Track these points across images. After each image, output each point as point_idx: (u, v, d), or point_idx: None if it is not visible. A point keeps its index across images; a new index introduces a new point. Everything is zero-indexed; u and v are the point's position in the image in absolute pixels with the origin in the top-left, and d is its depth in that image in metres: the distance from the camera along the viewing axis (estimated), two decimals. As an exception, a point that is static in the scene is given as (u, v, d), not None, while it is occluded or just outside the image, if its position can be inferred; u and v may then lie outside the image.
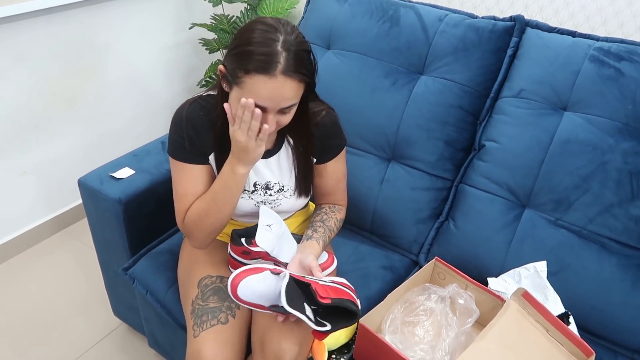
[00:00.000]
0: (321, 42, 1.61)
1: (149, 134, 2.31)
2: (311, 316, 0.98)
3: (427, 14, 1.48)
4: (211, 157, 1.13)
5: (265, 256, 1.13)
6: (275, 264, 1.13)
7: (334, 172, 1.24)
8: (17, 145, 1.93)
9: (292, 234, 1.19)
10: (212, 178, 1.14)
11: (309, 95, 1.06)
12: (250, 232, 1.14)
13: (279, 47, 0.93)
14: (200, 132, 1.10)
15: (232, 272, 1.06)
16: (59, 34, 1.92)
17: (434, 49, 1.45)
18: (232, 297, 1.04)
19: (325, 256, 1.23)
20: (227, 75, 0.99)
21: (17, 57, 1.82)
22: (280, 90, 0.95)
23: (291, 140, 1.17)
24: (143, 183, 1.40)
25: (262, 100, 0.96)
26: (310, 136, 1.15)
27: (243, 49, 0.94)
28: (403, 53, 1.48)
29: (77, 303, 1.85)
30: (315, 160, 1.21)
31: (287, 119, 1.03)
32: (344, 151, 1.24)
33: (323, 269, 1.18)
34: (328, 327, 0.98)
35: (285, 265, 1.12)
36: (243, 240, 1.13)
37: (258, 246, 1.10)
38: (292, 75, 0.94)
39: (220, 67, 1.02)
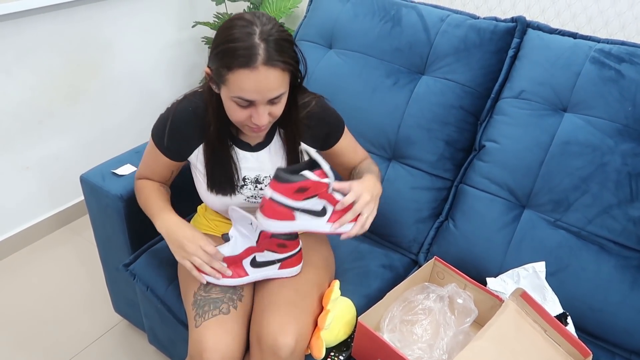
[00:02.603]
0: (323, 42, 1.62)
1: (150, 131, 2.31)
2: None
3: (428, 15, 1.48)
4: (199, 150, 1.15)
5: (324, 192, 1.01)
6: (324, 206, 1.03)
7: (344, 148, 1.25)
8: (20, 141, 1.94)
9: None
10: (177, 168, 1.23)
11: (296, 85, 1.07)
12: (298, 168, 1.02)
13: (257, 39, 0.93)
14: (185, 132, 1.13)
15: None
16: (62, 31, 1.93)
17: (436, 49, 1.45)
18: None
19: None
20: (213, 76, 1.00)
21: (21, 53, 1.83)
22: (264, 82, 0.95)
23: (282, 131, 1.17)
24: (145, 180, 1.41)
25: (249, 94, 0.96)
26: (300, 127, 1.15)
27: (223, 47, 0.95)
28: (405, 53, 1.48)
29: (78, 299, 1.86)
30: (318, 148, 1.20)
31: (278, 109, 1.03)
32: (345, 128, 1.24)
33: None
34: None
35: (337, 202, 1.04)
36: (306, 172, 0.99)
37: (326, 177, 1.00)
38: (274, 64, 0.94)
39: (206, 69, 1.03)
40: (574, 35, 1.36)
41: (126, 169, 1.43)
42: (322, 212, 1.04)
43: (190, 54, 2.50)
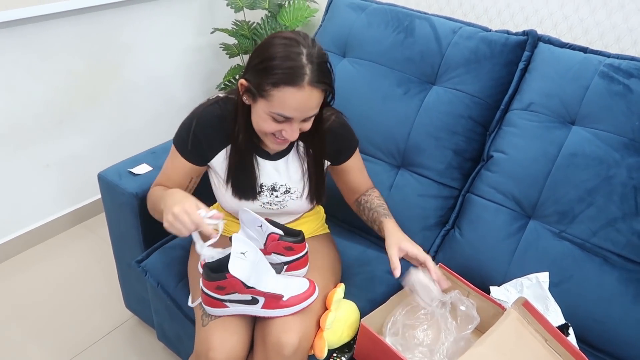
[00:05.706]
0: (337, 50, 1.65)
1: (168, 133, 2.33)
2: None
3: (441, 26, 1.51)
4: (220, 155, 1.18)
5: (241, 289, 1.05)
6: (252, 297, 1.08)
7: (353, 167, 1.30)
8: (41, 139, 2.00)
9: (271, 263, 1.14)
10: (198, 175, 1.23)
11: (326, 104, 1.12)
12: (223, 264, 1.06)
13: (304, 60, 0.99)
14: (209, 135, 1.16)
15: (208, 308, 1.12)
16: (85, 34, 1.99)
17: (447, 60, 1.47)
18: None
19: (305, 285, 1.14)
20: (252, 89, 1.04)
21: (45, 54, 1.89)
22: (307, 101, 1.02)
23: (301, 143, 1.21)
24: (159, 179, 1.45)
25: (290, 111, 1.02)
26: (324, 140, 1.20)
27: (268, 63, 1.00)
28: (416, 63, 1.51)
29: (90, 294, 1.91)
30: (330, 162, 1.26)
31: (308, 125, 1.10)
32: (357, 148, 1.29)
33: (303, 299, 1.11)
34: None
35: (264, 294, 1.08)
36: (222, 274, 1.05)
37: (233, 276, 1.02)
38: (318, 86, 1.01)
39: (242, 81, 1.07)
40: (584, 50, 1.37)
41: (142, 169, 1.47)
42: (253, 301, 1.09)
43: (208, 60, 2.55)
